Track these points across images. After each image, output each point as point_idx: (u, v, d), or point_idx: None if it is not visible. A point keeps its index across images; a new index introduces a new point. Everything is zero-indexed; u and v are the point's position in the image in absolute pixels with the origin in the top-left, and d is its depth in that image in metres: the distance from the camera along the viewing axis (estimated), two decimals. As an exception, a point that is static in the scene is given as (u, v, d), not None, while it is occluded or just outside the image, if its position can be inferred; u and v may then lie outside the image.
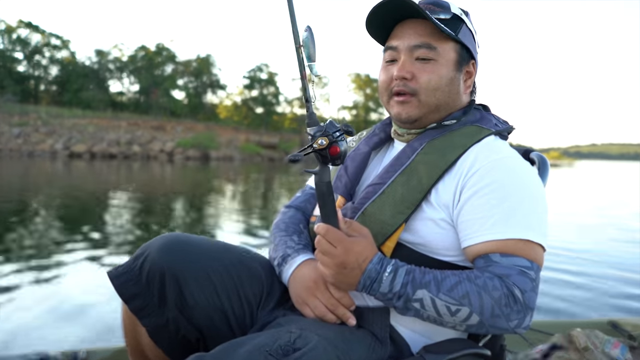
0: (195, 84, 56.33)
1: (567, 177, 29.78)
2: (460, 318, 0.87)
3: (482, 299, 0.86)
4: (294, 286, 1.03)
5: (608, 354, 1.34)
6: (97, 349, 1.48)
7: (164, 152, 39.14)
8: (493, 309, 0.86)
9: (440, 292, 0.87)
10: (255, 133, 50.97)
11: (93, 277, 3.68)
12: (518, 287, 0.88)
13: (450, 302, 0.87)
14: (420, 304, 0.88)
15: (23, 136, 36.51)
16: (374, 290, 0.90)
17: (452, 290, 0.87)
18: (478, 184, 0.95)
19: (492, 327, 0.88)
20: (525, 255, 0.91)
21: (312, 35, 0.94)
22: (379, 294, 0.90)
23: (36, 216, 6.77)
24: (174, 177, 17.61)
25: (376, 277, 0.90)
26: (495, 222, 0.92)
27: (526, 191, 0.96)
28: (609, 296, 3.67)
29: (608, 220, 8.68)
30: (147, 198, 10.00)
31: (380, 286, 0.90)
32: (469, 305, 0.86)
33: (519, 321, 0.88)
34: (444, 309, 0.87)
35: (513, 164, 0.99)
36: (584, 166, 79.04)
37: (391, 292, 0.89)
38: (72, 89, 49.58)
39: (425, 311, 0.88)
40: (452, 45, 1.06)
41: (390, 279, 0.89)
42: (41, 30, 50.16)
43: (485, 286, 0.87)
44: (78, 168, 21.03)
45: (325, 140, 0.89)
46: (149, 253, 1.00)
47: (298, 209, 1.24)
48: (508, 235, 0.91)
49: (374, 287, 0.90)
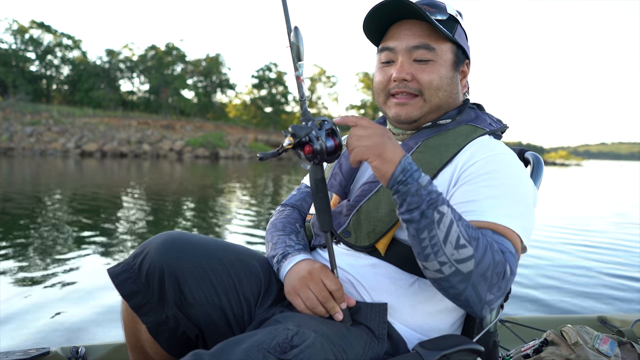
0: (205, 84, 56.57)
1: (570, 177, 29.46)
2: (459, 256, 0.83)
3: (486, 253, 0.84)
4: (289, 278, 1.03)
5: (597, 349, 1.34)
6: (97, 345, 1.49)
7: (174, 150, 39.38)
8: (487, 269, 0.84)
9: (461, 221, 0.85)
10: (263, 132, 51.16)
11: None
12: (510, 266, 0.88)
13: (463, 235, 0.83)
14: (440, 217, 0.83)
15: (35, 135, 36.93)
16: (413, 178, 0.84)
17: (469, 228, 0.85)
18: (472, 173, 0.97)
19: (471, 288, 0.85)
20: (512, 241, 0.92)
21: (299, 36, 0.95)
22: (416, 183, 0.84)
23: (54, 212, 6.86)
24: (186, 175, 17.70)
25: (412, 169, 0.85)
26: (481, 205, 0.92)
27: (516, 187, 0.97)
28: (598, 292, 3.73)
29: (607, 220, 8.65)
30: (160, 196, 10.07)
31: (420, 176, 0.85)
32: (475, 250, 0.83)
33: (494, 298, 0.87)
34: (454, 236, 0.83)
35: (508, 160, 1.00)
36: (592, 166, 78.45)
37: (426, 189, 0.84)
38: (84, 88, 50.09)
39: (436, 228, 0.83)
40: (449, 46, 1.07)
41: (420, 176, 0.85)
42: (53, 30, 50.72)
43: (492, 246, 0.87)
44: (90, 167, 21.22)
45: (290, 140, 0.88)
46: (148, 251, 1.01)
47: (294, 208, 1.26)
48: (490, 218, 0.91)
49: (414, 175, 0.84)
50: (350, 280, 1.03)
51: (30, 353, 1.36)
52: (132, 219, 6.68)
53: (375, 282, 1.01)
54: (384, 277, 1.01)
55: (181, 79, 52.53)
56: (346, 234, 1.03)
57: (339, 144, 0.92)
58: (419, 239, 0.84)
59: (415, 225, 0.84)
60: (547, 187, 17.00)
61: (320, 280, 0.98)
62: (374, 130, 0.88)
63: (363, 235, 1.01)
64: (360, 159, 0.87)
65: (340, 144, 0.92)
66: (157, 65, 53.22)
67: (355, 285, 1.02)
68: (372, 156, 0.85)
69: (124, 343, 1.15)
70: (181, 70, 54.83)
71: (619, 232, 7.22)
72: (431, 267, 0.86)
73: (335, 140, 0.91)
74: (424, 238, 0.84)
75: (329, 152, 0.91)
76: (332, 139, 0.91)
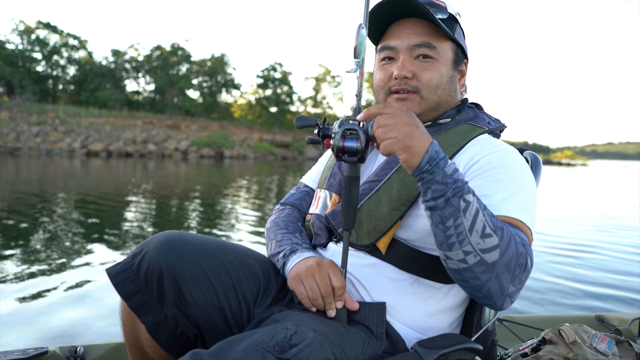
0: (210, 83, 56.65)
1: (574, 177, 29.31)
2: (484, 245, 0.82)
3: (511, 242, 0.84)
4: (296, 267, 1.02)
5: (595, 348, 1.34)
6: (95, 345, 1.48)
7: (179, 150, 39.50)
8: (511, 259, 0.84)
9: (486, 210, 0.85)
10: (268, 132, 51.18)
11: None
12: (530, 258, 0.89)
13: (489, 224, 0.83)
14: (466, 205, 0.82)
15: (42, 135, 37.16)
16: (438, 167, 0.83)
17: (493, 217, 0.85)
18: (479, 169, 0.97)
19: (495, 278, 0.84)
20: (526, 234, 0.92)
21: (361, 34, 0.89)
22: (442, 172, 0.83)
23: (64, 211, 6.91)
24: (190, 175, 17.75)
25: (443, 156, 0.85)
26: (493, 200, 0.92)
27: (523, 182, 0.97)
28: (596, 291, 3.74)
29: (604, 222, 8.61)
30: (164, 196, 10.10)
31: (447, 165, 0.84)
32: (500, 239, 0.83)
33: (515, 290, 0.87)
34: (480, 225, 0.82)
35: (512, 155, 1.01)
36: (598, 166, 78.12)
37: (452, 177, 0.83)
38: (89, 88, 50.30)
39: (462, 217, 0.82)
40: (450, 45, 1.07)
41: (454, 166, 0.85)
42: (59, 30, 50.93)
43: (515, 237, 0.86)
44: (96, 166, 21.33)
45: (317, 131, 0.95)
46: (147, 251, 1.01)
47: (294, 207, 1.26)
48: (504, 212, 0.91)
49: (439, 163, 0.83)
50: (350, 279, 1.03)
51: (29, 352, 1.35)
52: (134, 219, 6.71)
53: (374, 282, 1.01)
54: (384, 277, 1.01)
55: (186, 79, 52.65)
56: None
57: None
58: (444, 227, 0.83)
59: (439, 212, 0.83)
60: (548, 187, 16.96)
61: (327, 274, 0.98)
62: (399, 118, 0.85)
63: (364, 234, 1.02)
64: (389, 152, 0.85)
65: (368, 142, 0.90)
66: (163, 66, 53.37)
67: (355, 285, 1.02)
68: (400, 150, 0.83)
69: (123, 343, 1.15)
70: (186, 70, 54.93)
71: (617, 231, 7.22)
72: (455, 256, 0.85)
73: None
74: (449, 226, 0.83)
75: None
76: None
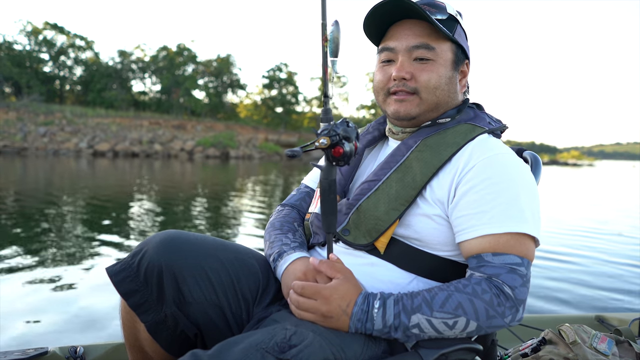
0: (216, 84, 56.81)
1: (580, 177, 29.15)
2: (459, 329, 0.89)
3: (475, 305, 0.88)
4: (285, 278, 1.04)
5: (595, 348, 1.34)
6: (95, 345, 1.48)
7: (185, 150, 39.66)
8: (487, 311, 0.89)
9: (434, 310, 0.89)
10: (274, 132, 51.31)
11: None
12: (508, 284, 0.91)
13: (446, 317, 0.88)
14: (418, 328, 0.89)
15: (49, 135, 37.43)
16: (369, 329, 0.90)
17: (444, 305, 0.89)
18: (473, 179, 0.96)
19: (490, 328, 0.91)
20: (517, 252, 0.93)
21: (339, 31, 0.94)
22: (375, 331, 0.90)
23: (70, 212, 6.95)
24: (196, 175, 17.81)
25: (366, 318, 0.90)
26: (492, 216, 0.93)
27: (520, 187, 0.97)
28: (596, 292, 3.73)
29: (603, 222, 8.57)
30: (169, 196, 10.14)
31: (374, 324, 0.90)
32: (465, 315, 0.88)
33: (512, 316, 0.91)
34: (442, 325, 0.89)
35: (507, 160, 1.00)
36: (605, 166, 77.72)
37: (386, 327, 0.89)
38: (96, 88, 50.57)
39: (425, 333, 0.90)
40: (449, 46, 1.07)
41: (380, 314, 0.90)
42: (66, 31, 51.27)
43: (475, 292, 0.90)
44: (102, 166, 21.45)
45: (326, 139, 0.87)
46: (146, 250, 1.01)
47: (293, 207, 1.26)
48: (504, 229, 0.93)
49: (367, 327, 0.90)
50: None
51: (29, 353, 1.36)
52: (138, 218, 6.74)
53: (373, 281, 1.01)
54: (383, 276, 1.01)
55: (192, 80, 52.83)
56: (345, 232, 1.03)
57: (358, 148, 0.91)
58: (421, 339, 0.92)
59: (406, 340, 0.92)
60: (549, 187, 16.87)
61: (315, 281, 0.99)
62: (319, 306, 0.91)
63: (362, 233, 1.02)
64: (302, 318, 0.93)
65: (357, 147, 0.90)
66: (169, 66, 53.57)
67: None
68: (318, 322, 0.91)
69: (123, 343, 1.16)
70: (192, 70, 55.11)
71: (617, 231, 7.16)
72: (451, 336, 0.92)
73: (357, 144, 0.90)
74: (422, 336, 0.91)
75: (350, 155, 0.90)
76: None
